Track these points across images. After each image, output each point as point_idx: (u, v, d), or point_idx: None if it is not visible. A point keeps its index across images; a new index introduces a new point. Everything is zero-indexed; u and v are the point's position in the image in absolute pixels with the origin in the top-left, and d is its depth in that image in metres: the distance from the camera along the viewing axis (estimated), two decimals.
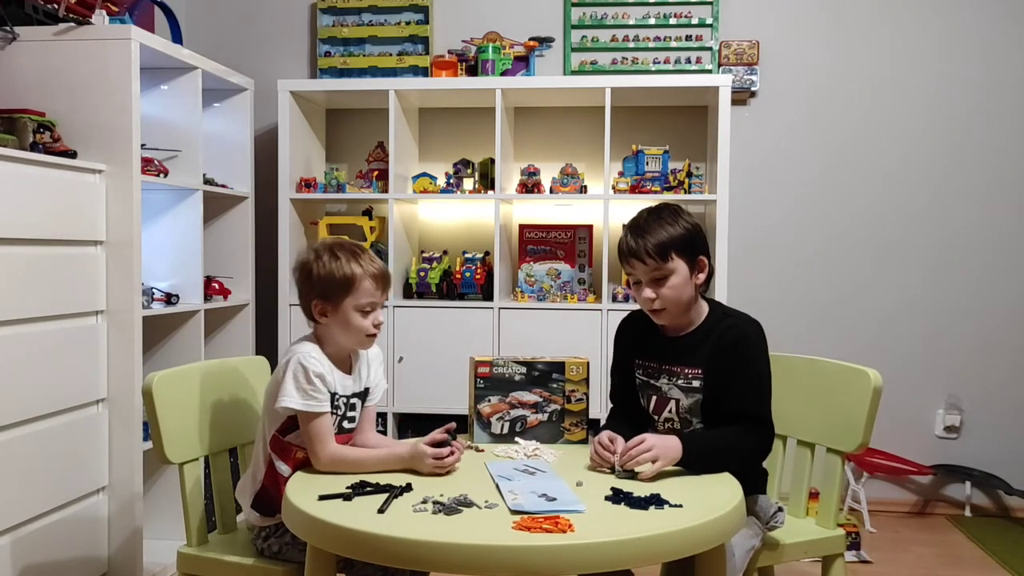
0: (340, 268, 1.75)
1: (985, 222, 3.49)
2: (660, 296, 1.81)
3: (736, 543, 1.71)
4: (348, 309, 1.76)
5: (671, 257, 1.79)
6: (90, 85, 2.48)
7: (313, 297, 1.77)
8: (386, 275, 1.81)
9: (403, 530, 1.37)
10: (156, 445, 1.81)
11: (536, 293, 3.33)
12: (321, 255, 1.77)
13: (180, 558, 1.84)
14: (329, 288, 1.75)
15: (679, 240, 1.79)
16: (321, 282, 1.76)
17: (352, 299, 1.75)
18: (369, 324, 1.78)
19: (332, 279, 1.75)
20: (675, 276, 1.80)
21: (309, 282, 1.77)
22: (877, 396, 1.91)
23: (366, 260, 1.78)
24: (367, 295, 1.76)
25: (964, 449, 3.51)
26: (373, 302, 1.78)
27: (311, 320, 1.81)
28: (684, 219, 1.83)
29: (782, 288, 3.57)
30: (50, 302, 2.29)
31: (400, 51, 3.56)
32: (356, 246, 1.82)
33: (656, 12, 3.56)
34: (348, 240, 1.85)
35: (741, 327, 1.83)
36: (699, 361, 1.83)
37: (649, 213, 1.85)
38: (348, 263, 1.75)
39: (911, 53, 3.49)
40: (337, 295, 1.75)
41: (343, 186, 3.38)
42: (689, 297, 1.83)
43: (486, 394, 2.01)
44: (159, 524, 2.81)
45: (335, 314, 1.77)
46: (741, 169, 3.47)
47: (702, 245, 1.85)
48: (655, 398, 1.90)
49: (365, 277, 1.76)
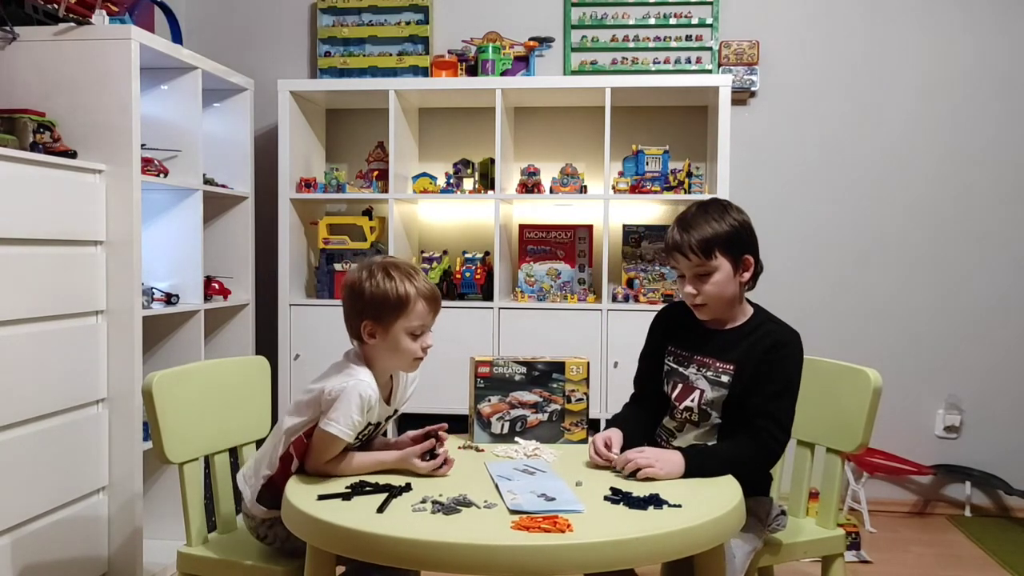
0: (394, 288, 1.69)
1: (985, 222, 3.49)
2: (702, 292, 1.82)
3: (736, 546, 1.71)
4: (399, 332, 1.70)
5: (715, 255, 1.79)
6: (90, 85, 2.48)
7: (365, 317, 1.71)
8: (438, 297, 1.76)
9: (402, 530, 1.37)
10: (156, 445, 1.81)
11: (536, 293, 3.33)
12: (375, 273, 1.71)
13: (180, 558, 1.84)
14: (381, 308, 1.69)
15: (724, 237, 1.79)
16: (374, 301, 1.69)
17: (404, 321, 1.70)
18: (418, 348, 1.73)
19: (386, 299, 1.69)
20: (718, 273, 1.80)
21: (361, 301, 1.71)
22: (877, 396, 1.91)
23: (420, 281, 1.73)
24: (419, 317, 1.71)
25: (964, 449, 3.51)
26: (423, 325, 1.73)
27: (358, 340, 1.75)
28: (733, 216, 1.82)
29: (782, 287, 3.57)
30: (50, 302, 2.29)
31: (400, 51, 3.56)
32: (410, 266, 1.76)
33: (656, 12, 3.56)
34: (402, 260, 1.80)
35: (781, 333, 1.84)
36: (733, 357, 1.83)
37: (698, 208, 1.84)
38: (403, 283, 1.70)
39: (911, 53, 3.49)
40: (389, 316, 1.70)
41: (343, 186, 3.38)
42: (732, 294, 1.83)
43: (486, 394, 2.01)
44: (159, 524, 2.81)
45: (384, 336, 1.71)
46: (741, 169, 3.47)
47: (749, 243, 1.84)
48: (681, 385, 1.89)
49: (419, 299, 1.70)
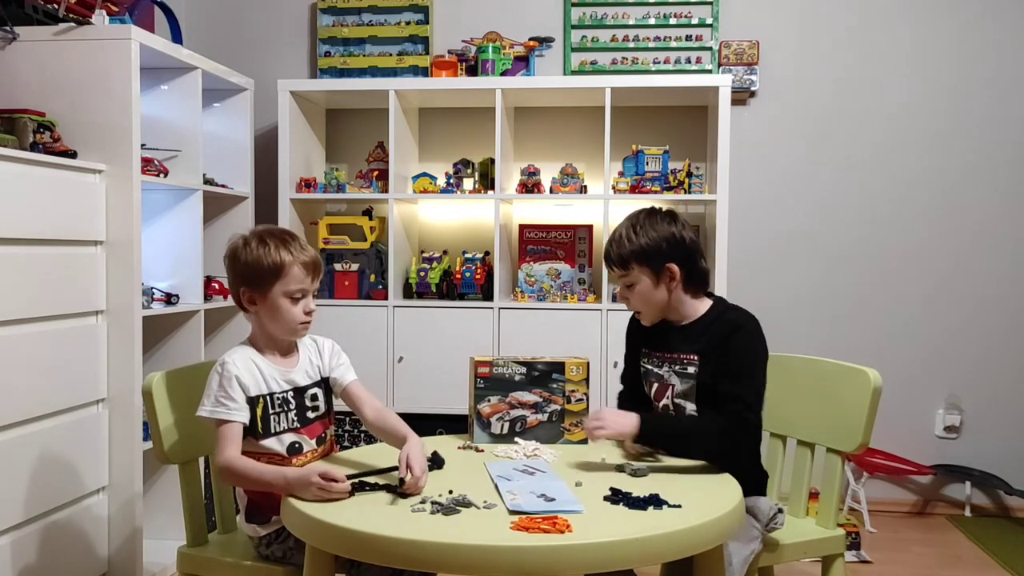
0: (268, 255, 1.73)
1: (986, 222, 3.49)
2: (631, 300, 1.92)
3: (733, 550, 1.71)
4: (277, 297, 1.74)
5: (631, 267, 1.87)
6: (90, 85, 2.48)
7: (242, 284, 1.76)
8: (317, 262, 1.80)
9: (402, 530, 1.37)
10: (156, 445, 1.81)
11: (536, 293, 3.33)
12: (250, 242, 1.76)
13: (180, 558, 1.84)
14: (256, 275, 1.74)
15: (639, 252, 1.86)
16: (248, 269, 1.74)
17: (281, 286, 1.74)
18: (300, 311, 1.76)
19: (259, 265, 1.73)
20: (639, 284, 1.89)
21: (236, 269, 1.76)
22: (877, 396, 1.91)
23: (296, 247, 1.76)
24: (296, 281, 1.75)
25: (964, 449, 3.51)
26: (303, 288, 1.76)
27: (241, 309, 1.80)
28: (655, 229, 1.87)
29: (782, 288, 3.57)
30: (50, 302, 2.29)
31: (400, 51, 3.56)
32: (287, 232, 1.80)
33: (656, 12, 3.56)
34: (280, 228, 1.84)
35: (737, 318, 1.88)
36: (695, 348, 1.87)
37: (625, 221, 1.91)
38: (277, 250, 1.74)
39: (911, 53, 3.49)
40: (265, 282, 1.74)
41: (343, 186, 3.38)
42: (661, 301, 1.89)
43: (486, 394, 2.01)
44: (159, 524, 2.81)
45: (263, 302, 1.76)
46: (741, 169, 3.47)
47: (671, 254, 1.86)
48: (656, 384, 1.95)
49: (294, 264, 1.74)
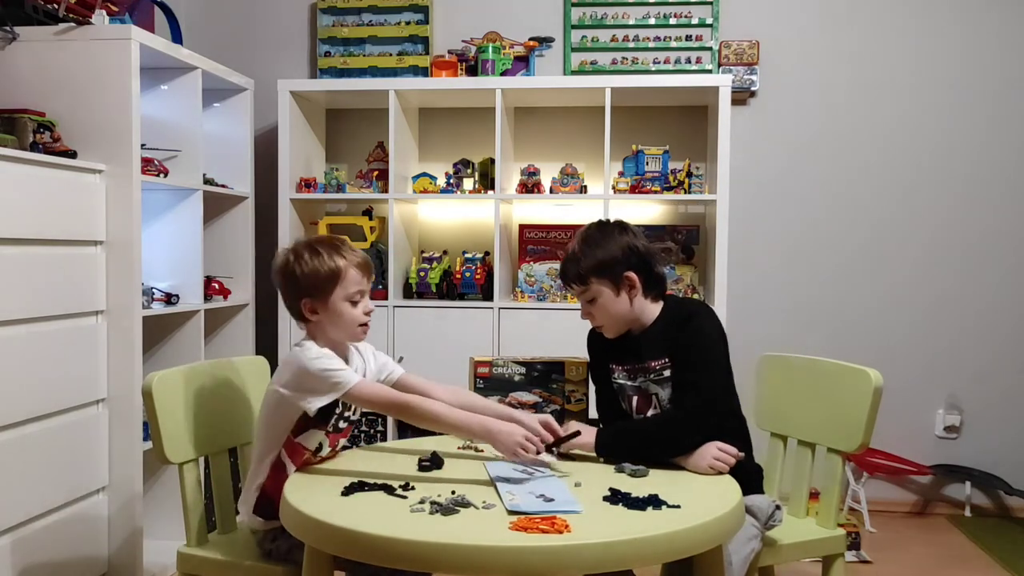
0: (323, 263, 1.75)
1: (986, 222, 3.49)
2: (594, 315, 1.92)
3: (733, 550, 1.71)
4: (338, 302, 1.76)
5: (590, 282, 1.87)
6: (90, 85, 2.48)
7: (302, 296, 1.77)
8: (369, 262, 1.82)
9: (400, 530, 1.37)
10: (156, 445, 1.81)
11: (536, 293, 3.33)
12: (301, 254, 1.77)
13: (180, 558, 1.84)
14: (316, 284, 1.75)
15: (595, 266, 1.87)
16: (307, 280, 1.75)
17: (341, 290, 1.75)
18: (360, 313, 1.78)
19: (317, 275, 1.74)
20: (600, 297, 1.88)
21: (294, 282, 1.77)
22: (877, 396, 1.91)
23: (347, 250, 1.79)
24: (355, 284, 1.77)
25: (964, 449, 3.51)
26: (361, 290, 1.78)
27: (301, 321, 1.80)
28: (608, 241, 1.88)
29: (782, 288, 3.57)
30: (50, 302, 2.29)
31: (400, 51, 3.56)
32: (334, 238, 1.83)
33: (656, 12, 3.56)
34: (324, 235, 1.86)
35: (689, 309, 1.90)
36: (663, 350, 1.88)
37: (578, 236, 1.92)
38: (331, 256, 1.76)
39: (911, 53, 3.48)
40: (325, 290, 1.75)
41: (343, 186, 3.38)
42: (623, 311, 1.89)
43: (486, 394, 2.01)
44: (159, 524, 2.81)
45: (325, 309, 1.76)
46: (741, 169, 3.46)
47: (627, 263, 1.87)
48: (636, 398, 1.93)
49: (350, 267, 1.76)
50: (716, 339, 1.86)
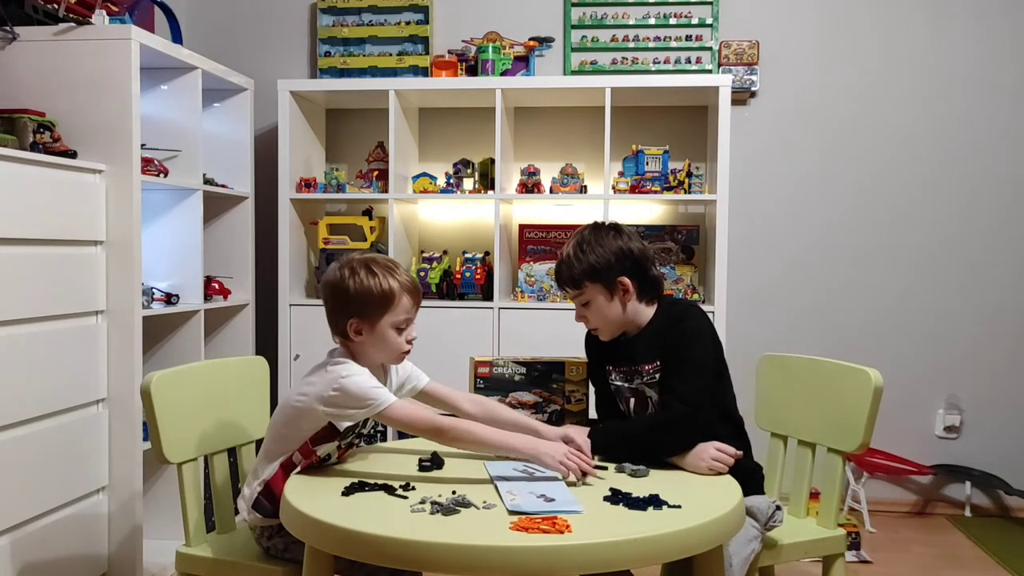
0: (378, 284, 1.70)
1: (986, 222, 3.49)
2: (587, 317, 1.92)
3: (733, 552, 1.71)
4: (385, 327, 1.71)
5: (584, 286, 1.87)
6: (90, 85, 2.48)
7: (351, 315, 1.71)
8: (420, 290, 1.79)
9: (401, 530, 1.37)
10: (154, 445, 1.81)
11: (536, 293, 3.33)
12: (357, 271, 1.71)
13: (178, 558, 1.84)
14: (367, 305, 1.70)
15: (588, 270, 1.86)
16: (359, 299, 1.70)
17: (390, 316, 1.71)
18: (403, 341, 1.74)
19: (370, 295, 1.69)
20: (594, 301, 1.88)
21: (346, 299, 1.71)
22: (878, 396, 1.91)
23: (402, 275, 1.73)
24: (404, 311, 1.72)
25: (964, 449, 3.51)
26: (408, 319, 1.74)
27: (343, 339, 1.75)
28: (602, 245, 1.87)
29: (782, 287, 3.57)
30: (50, 302, 2.29)
31: (400, 51, 3.56)
32: (390, 261, 1.76)
33: (656, 12, 3.56)
34: (380, 255, 1.81)
35: (680, 313, 1.89)
36: (656, 354, 1.88)
37: (573, 240, 1.91)
38: (386, 279, 1.70)
39: (910, 53, 3.48)
40: (374, 312, 1.70)
41: (343, 186, 3.38)
42: (616, 315, 1.89)
43: (486, 394, 2.01)
44: (159, 524, 2.81)
45: (370, 332, 1.72)
46: (741, 169, 3.46)
47: (621, 267, 1.87)
48: (633, 400, 1.94)
49: (403, 293, 1.71)
50: (703, 341, 1.84)
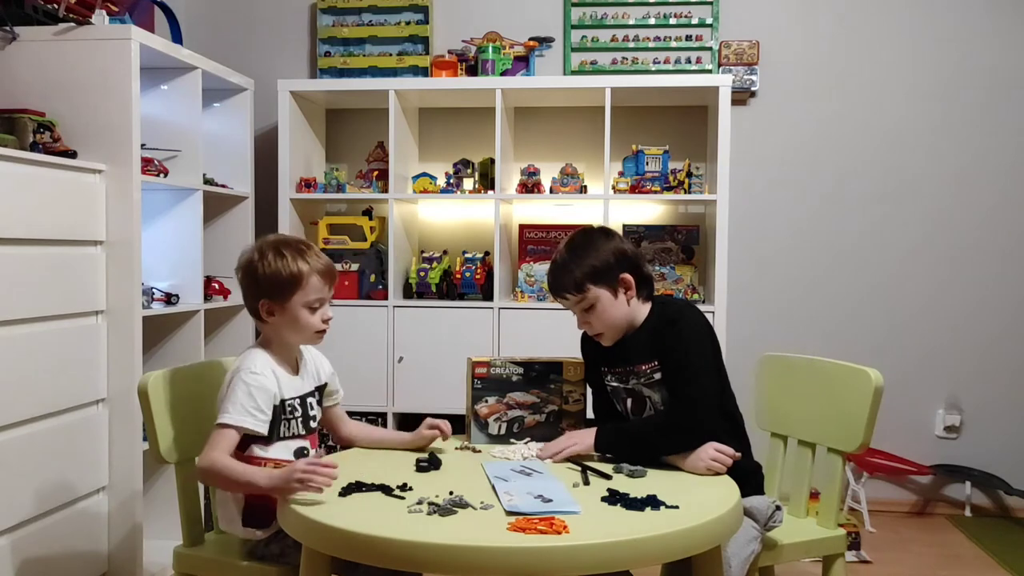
0: (287, 266, 1.73)
1: (985, 222, 3.49)
2: (593, 323, 1.90)
3: (732, 553, 1.71)
4: (297, 307, 1.74)
5: (587, 288, 1.86)
6: (90, 85, 2.48)
7: (261, 297, 1.75)
8: (332, 270, 1.80)
9: (398, 531, 1.37)
10: (152, 445, 1.82)
11: (536, 293, 3.33)
12: (266, 253, 1.74)
13: (176, 558, 1.84)
14: (276, 287, 1.73)
15: (591, 272, 1.86)
16: (268, 281, 1.73)
17: (301, 296, 1.74)
18: (318, 320, 1.77)
19: (278, 277, 1.73)
20: (599, 303, 1.87)
21: (255, 281, 1.75)
22: (878, 396, 1.90)
23: (312, 256, 1.76)
24: (315, 291, 1.75)
25: (964, 449, 3.51)
26: (321, 298, 1.77)
27: (258, 319, 1.79)
28: (598, 247, 1.88)
29: (782, 288, 3.57)
30: (50, 302, 2.29)
31: (400, 51, 3.56)
32: (302, 242, 1.80)
33: (656, 12, 3.56)
34: (293, 236, 1.84)
35: (674, 312, 1.89)
36: (652, 353, 1.88)
37: (565, 247, 1.92)
38: (295, 260, 1.73)
39: (911, 52, 3.48)
40: (285, 293, 1.74)
41: (343, 186, 3.38)
42: (622, 314, 1.89)
43: (483, 395, 2.01)
44: (159, 523, 2.81)
45: (283, 313, 1.75)
46: (741, 169, 3.46)
47: (620, 265, 1.87)
48: (630, 400, 1.94)
49: (312, 273, 1.74)
50: (702, 341, 1.85)
